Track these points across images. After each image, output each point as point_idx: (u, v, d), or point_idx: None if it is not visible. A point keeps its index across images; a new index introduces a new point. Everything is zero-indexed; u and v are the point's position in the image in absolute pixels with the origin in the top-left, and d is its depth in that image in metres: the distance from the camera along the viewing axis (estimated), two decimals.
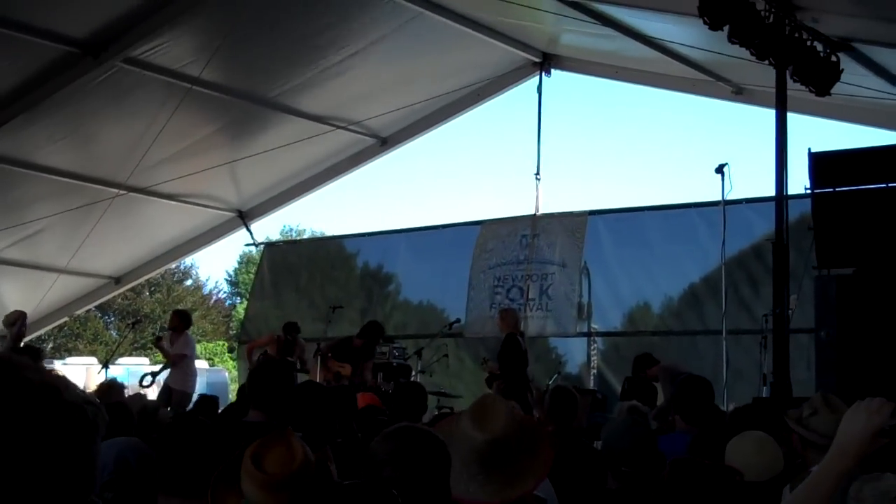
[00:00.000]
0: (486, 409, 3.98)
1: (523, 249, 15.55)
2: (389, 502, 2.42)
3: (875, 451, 2.89)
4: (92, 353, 38.56)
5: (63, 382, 1.62)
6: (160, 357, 15.18)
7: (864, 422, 2.68)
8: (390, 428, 3.62)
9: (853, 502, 3.68)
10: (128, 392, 11.06)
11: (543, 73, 15.96)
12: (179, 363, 14.02)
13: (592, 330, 15.29)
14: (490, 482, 3.84)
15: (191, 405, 12.73)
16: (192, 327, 15.24)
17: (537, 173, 16.24)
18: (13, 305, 17.21)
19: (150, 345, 42.48)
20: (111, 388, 9.25)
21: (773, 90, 10.11)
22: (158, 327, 15.59)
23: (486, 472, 3.83)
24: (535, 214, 15.93)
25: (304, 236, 46.82)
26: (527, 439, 3.98)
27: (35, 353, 4.54)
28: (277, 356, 13.67)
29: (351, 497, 2.41)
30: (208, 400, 9.66)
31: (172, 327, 14.28)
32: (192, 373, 14.27)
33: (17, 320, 12.81)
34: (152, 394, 14.19)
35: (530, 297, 15.24)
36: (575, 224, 15.25)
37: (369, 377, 13.28)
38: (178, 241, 18.78)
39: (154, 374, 14.37)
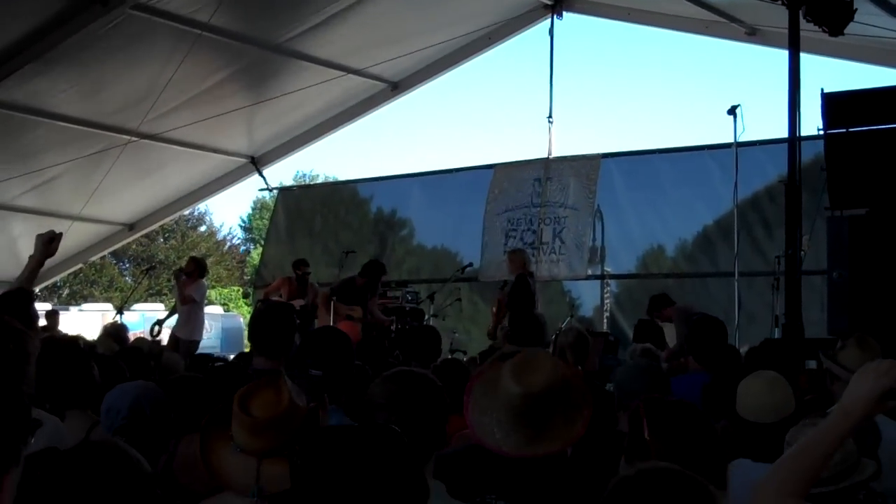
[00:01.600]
0: (529, 363, 3.93)
1: (536, 193, 15.53)
2: (387, 445, 2.43)
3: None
4: (107, 300, 38.76)
5: None
6: (173, 302, 15.21)
7: (871, 383, 2.68)
8: (388, 372, 3.60)
9: (788, 446, 3.72)
10: (143, 335, 11.17)
11: (555, 16, 15.86)
12: (188, 308, 14.03)
13: (605, 273, 15.32)
14: (516, 434, 3.83)
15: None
16: (207, 276, 15.28)
17: (550, 116, 16.21)
18: (27, 252, 17.27)
19: (165, 290, 42.82)
20: (115, 332, 9.32)
21: (787, 30, 10.00)
22: (178, 268, 15.48)
23: (515, 424, 3.82)
24: (547, 158, 15.91)
25: (318, 182, 46.82)
26: (567, 400, 3.95)
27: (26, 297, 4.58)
28: (290, 298, 13.73)
29: (344, 440, 2.42)
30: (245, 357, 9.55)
31: (188, 273, 14.31)
32: (199, 321, 14.30)
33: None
34: (163, 340, 14.29)
35: (543, 240, 15.25)
36: (587, 167, 15.21)
37: (378, 313, 13.29)
38: (191, 187, 18.81)
39: (161, 322, 14.40)
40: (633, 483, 2.27)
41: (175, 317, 14.36)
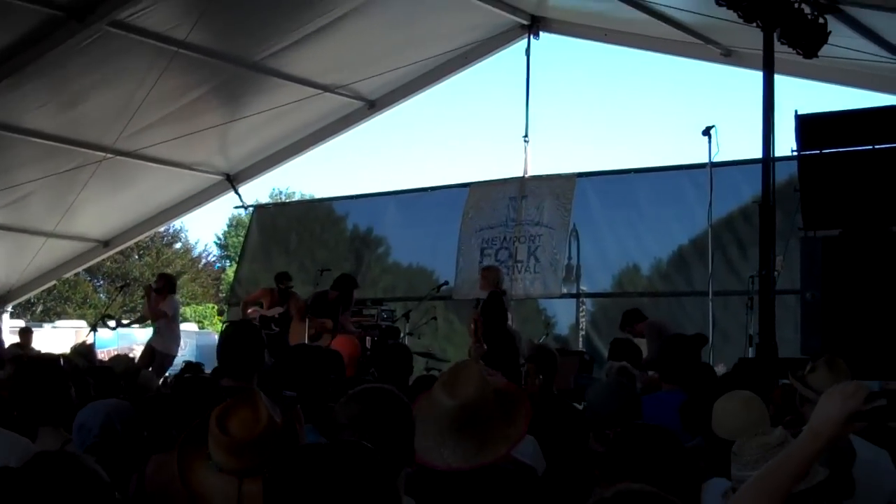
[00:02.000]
0: (457, 375, 3.97)
1: (512, 211, 15.56)
2: (359, 461, 2.42)
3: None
4: (81, 317, 38.55)
5: None
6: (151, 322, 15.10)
7: (838, 405, 2.70)
8: (354, 390, 3.57)
9: (735, 457, 3.76)
10: (117, 352, 11.13)
11: (532, 36, 15.89)
12: (162, 322, 13.97)
13: (581, 292, 15.35)
14: (460, 447, 3.84)
15: (175, 370, 12.75)
16: (179, 291, 15.22)
17: (526, 136, 16.24)
18: (1, 269, 17.24)
19: (139, 307, 42.60)
20: (84, 353, 9.29)
21: (761, 52, 10.09)
22: (149, 284, 15.33)
23: (457, 438, 3.83)
24: (523, 177, 15.92)
25: (294, 199, 46.74)
26: (502, 405, 3.97)
27: None
28: (271, 309, 13.71)
29: (315, 457, 2.41)
30: (193, 367, 9.63)
31: (158, 289, 14.22)
32: (175, 335, 14.24)
33: None
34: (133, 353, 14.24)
35: (518, 258, 15.27)
36: (563, 186, 15.25)
37: (350, 327, 13.30)
38: (166, 204, 18.76)
39: (119, 322, 14.30)
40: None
41: (137, 327, 14.29)
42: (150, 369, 11.57)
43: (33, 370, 4.71)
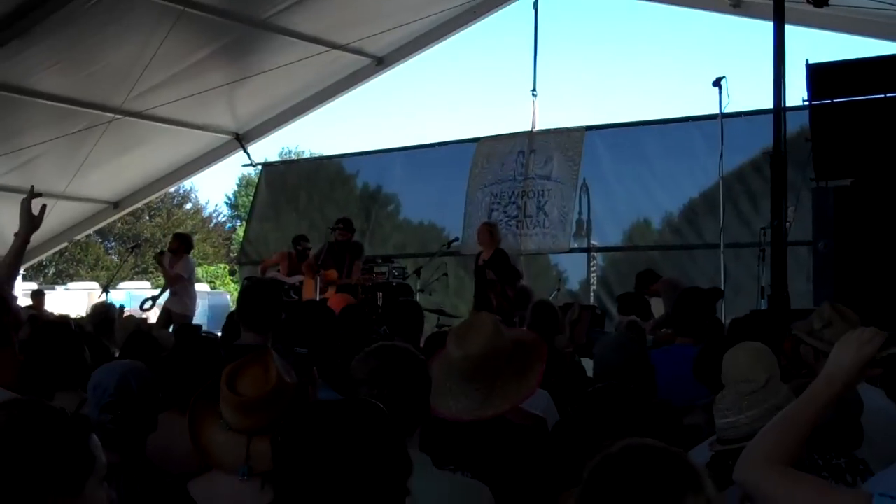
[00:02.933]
0: (469, 328, 3.99)
1: (520, 166, 15.51)
2: (367, 418, 2.42)
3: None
4: (93, 279, 38.70)
5: None
6: (160, 281, 15.20)
7: (854, 351, 2.69)
8: (371, 347, 3.58)
9: (714, 406, 3.76)
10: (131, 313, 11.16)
11: None
12: (177, 285, 14.03)
13: (591, 246, 15.33)
14: (466, 398, 3.86)
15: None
16: (193, 251, 15.27)
17: (534, 90, 16.17)
18: (11, 231, 17.21)
19: (151, 268, 42.74)
20: (105, 311, 9.29)
21: (771, 2, 9.99)
22: (159, 251, 15.34)
23: (463, 388, 3.86)
24: (531, 131, 15.86)
25: (303, 157, 46.70)
26: (516, 358, 3.98)
27: None
28: (288, 273, 13.73)
29: (324, 415, 2.42)
30: (191, 329, 9.51)
31: (172, 250, 14.28)
32: (192, 296, 14.30)
33: None
34: (152, 317, 14.25)
35: (527, 213, 15.25)
36: (571, 140, 15.19)
37: (358, 275, 13.31)
38: (175, 164, 18.76)
39: (154, 299, 14.35)
40: (617, 459, 2.26)
41: (167, 293, 14.33)
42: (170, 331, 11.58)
43: (46, 333, 4.72)
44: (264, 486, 2.97)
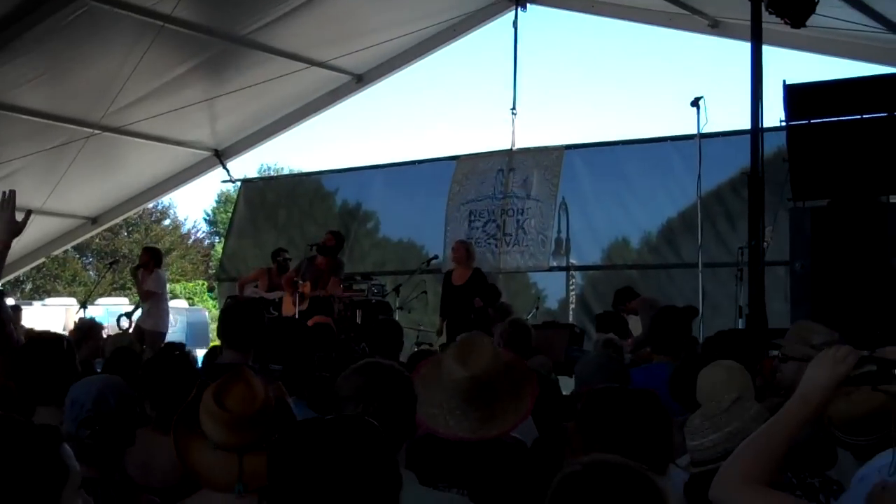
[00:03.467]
0: (471, 347, 4.00)
1: (499, 184, 15.53)
2: (363, 435, 2.44)
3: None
4: (71, 294, 38.48)
5: None
6: (137, 297, 15.08)
7: (829, 370, 2.71)
8: (356, 364, 3.59)
9: (685, 429, 3.77)
10: (106, 332, 11.10)
11: (519, 8, 15.85)
12: (150, 300, 13.93)
13: (570, 265, 15.35)
14: (469, 418, 3.86)
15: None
16: (165, 265, 15.21)
17: (513, 108, 16.20)
18: None
19: (129, 284, 42.54)
20: (88, 328, 9.24)
21: (748, 22, 10.07)
22: (135, 265, 15.14)
23: (466, 409, 3.86)
24: (511, 149, 15.91)
25: (282, 174, 46.64)
26: (511, 380, 4.00)
27: None
28: (268, 289, 13.70)
29: (320, 431, 2.43)
30: (175, 347, 9.45)
31: (143, 264, 14.16)
32: (164, 312, 14.20)
33: None
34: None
35: (506, 231, 15.27)
36: (550, 158, 15.23)
37: (336, 290, 13.25)
38: (154, 180, 18.71)
39: (129, 315, 14.22)
40: (580, 477, 2.27)
41: (139, 310, 14.24)
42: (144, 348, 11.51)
43: (33, 348, 4.69)
44: (262, 503, 2.98)
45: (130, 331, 13.54)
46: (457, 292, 12.58)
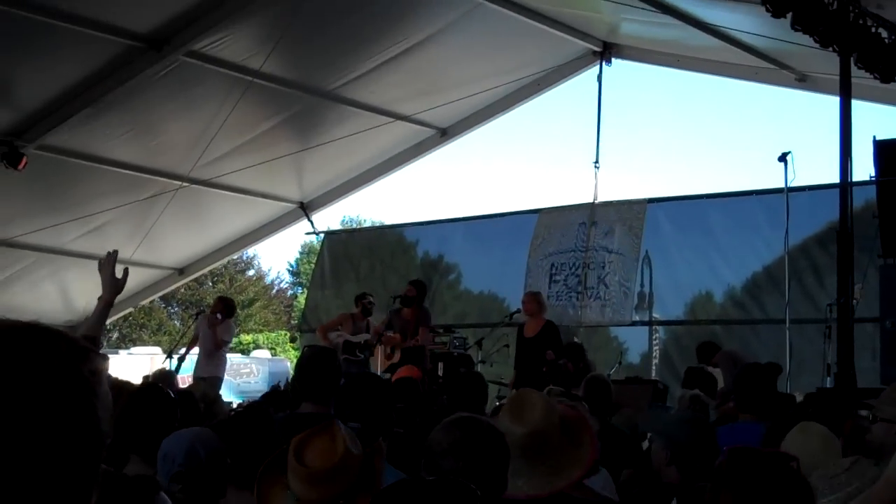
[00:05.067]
0: (523, 402, 3.97)
1: (581, 237, 15.49)
2: (465, 499, 2.41)
3: None
4: (156, 343, 39.02)
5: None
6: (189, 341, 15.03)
7: None
8: (450, 417, 3.55)
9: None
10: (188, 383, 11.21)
11: (604, 62, 15.88)
12: (220, 350, 14.09)
13: (653, 319, 15.21)
14: (535, 475, 3.82)
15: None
16: (248, 316, 15.35)
17: (596, 162, 16.19)
18: (80, 296, 17.54)
19: None
20: (163, 377, 9.35)
21: (837, 77, 9.98)
22: (206, 317, 14.99)
23: (530, 466, 3.82)
24: (593, 202, 15.87)
25: (364, 226, 47.01)
26: (568, 430, 3.97)
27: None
28: (352, 334, 13.74)
29: (421, 493, 2.41)
30: (278, 395, 9.47)
31: (216, 312, 14.29)
32: (223, 359, 14.39)
33: None
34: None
35: (588, 285, 15.20)
36: (633, 212, 15.18)
37: (428, 338, 13.25)
38: (240, 232, 18.93)
39: (181, 359, 14.19)
40: None
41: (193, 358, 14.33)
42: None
43: (138, 399, 4.74)
44: None
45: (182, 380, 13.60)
46: (528, 345, 12.52)
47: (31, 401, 1.25)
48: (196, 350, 14.42)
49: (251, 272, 51.76)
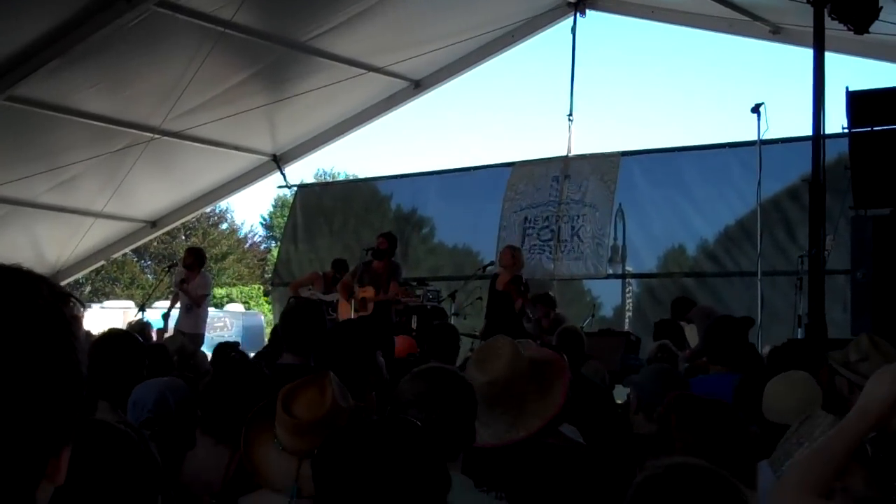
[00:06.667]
0: (489, 351, 3.98)
1: (555, 191, 15.48)
2: (410, 436, 2.42)
3: None
4: (129, 297, 38.90)
5: None
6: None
7: (888, 386, 2.67)
8: (418, 368, 3.55)
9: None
10: (167, 335, 11.17)
11: (578, 14, 15.83)
12: (201, 305, 13.96)
13: (626, 272, 15.25)
14: (494, 424, 3.84)
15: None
16: (222, 269, 15.26)
17: (570, 114, 16.16)
18: (51, 249, 17.44)
19: None
20: (138, 330, 9.32)
21: (811, 29, 9.96)
22: (181, 279, 14.75)
23: (490, 414, 3.84)
24: (566, 156, 15.85)
25: (338, 179, 46.86)
26: (536, 378, 3.97)
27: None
28: (324, 292, 13.72)
29: (367, 435, 2.41)
30: (231, 346, 9.39)
31: (187, 265, 14.14)
32: (206, 313, 14.24)
33: None
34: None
35: (561, 238, 15.21)
36: (607, 165, 15.16)
37: (396, 292, 13.17)
38: (213, 185, 18.84)
39: (166, 316, 14.14)
40: (661, 479, 2.25)
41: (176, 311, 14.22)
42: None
43: (103, 344, 4.70)
44: None
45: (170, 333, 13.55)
46: (499, 297, 12.50)
47: (15, 339, 1.28)
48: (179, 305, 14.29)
49: (224, 226, 51.59)
